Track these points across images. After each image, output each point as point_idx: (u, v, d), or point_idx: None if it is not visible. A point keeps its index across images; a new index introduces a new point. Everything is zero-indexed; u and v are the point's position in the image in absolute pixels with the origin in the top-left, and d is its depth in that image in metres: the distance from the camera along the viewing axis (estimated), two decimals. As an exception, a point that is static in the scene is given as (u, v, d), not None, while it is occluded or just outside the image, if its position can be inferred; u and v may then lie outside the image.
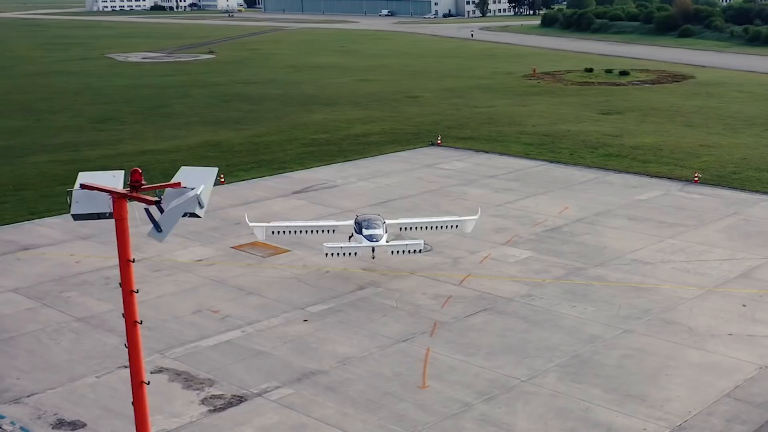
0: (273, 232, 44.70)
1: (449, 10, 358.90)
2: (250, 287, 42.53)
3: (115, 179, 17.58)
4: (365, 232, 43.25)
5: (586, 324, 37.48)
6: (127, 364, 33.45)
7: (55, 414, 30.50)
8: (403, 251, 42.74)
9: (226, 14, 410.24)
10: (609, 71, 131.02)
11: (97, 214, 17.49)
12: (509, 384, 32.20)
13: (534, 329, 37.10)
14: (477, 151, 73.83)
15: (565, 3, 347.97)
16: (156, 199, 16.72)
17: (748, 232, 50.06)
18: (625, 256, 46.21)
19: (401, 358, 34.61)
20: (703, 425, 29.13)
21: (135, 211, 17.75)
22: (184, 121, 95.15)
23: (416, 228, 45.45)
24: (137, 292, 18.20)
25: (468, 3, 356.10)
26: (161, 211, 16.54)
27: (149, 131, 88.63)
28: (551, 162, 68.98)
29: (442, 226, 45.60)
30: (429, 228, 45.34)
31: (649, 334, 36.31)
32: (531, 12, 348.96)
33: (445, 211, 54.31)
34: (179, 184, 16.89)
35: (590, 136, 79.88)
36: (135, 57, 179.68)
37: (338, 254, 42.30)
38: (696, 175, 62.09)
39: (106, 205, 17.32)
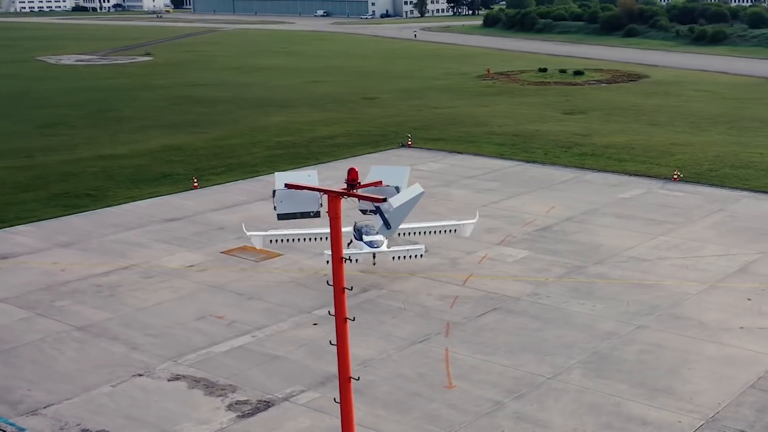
0: (271, 241, 44.81)
1: (387, 11, 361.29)
2: (250, 292, 42.69)
3: (310, 178, 18.15)
4: (366, 238, 43.69)
5: (598, 321, 38.61)
6: (142, 372, 33.73)
7: (78, 424, 30.33)
8: (405, 257, 43.35)
9: (154, 15, 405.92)
10: (563, 71, 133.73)
11: (302, 213, 18.00)
12: (536, 381, 33.07)
13: (547, 327, 38.08)
14: (450, 152, 74.89)
15: (503, 3, 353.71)
16: (383, 197, 17.22)
17: (737, 228, 51.98)
18: (621, 253, 47.60)
19: (421, 359, 35.23)
20: (735, 416, 30.38)
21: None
22: (136, 125, 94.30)
23: (415, 233, 46.13)
24: (350, 289, 18.92)
25: (406, 3, 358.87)
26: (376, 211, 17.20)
27: (103, 136, 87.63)
28: (527, 162, 70.38)
29: (441, 231, 46.37)
30: (428, 233, 46.07)
31: (662, 330, 37.59)
32: (470, 12, 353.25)
33: (432, 213, 55.03)
34: (381, 182, 17.57)
35: (560, 135, 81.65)
36: (68, 59, 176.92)
37: None
38: (675, 172, 64.08)
39: (310, 204, 17.86)
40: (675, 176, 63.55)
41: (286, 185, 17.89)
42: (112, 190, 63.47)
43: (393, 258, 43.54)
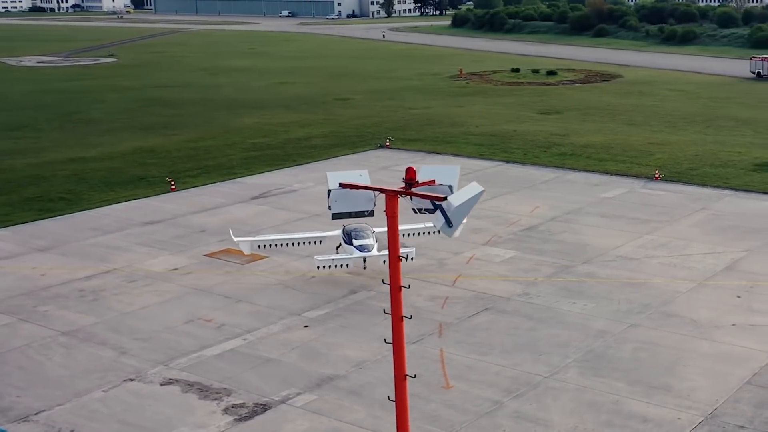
0: (259, 246, 44.77)
1: (353, 11, 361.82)
2: (238, 295, 42.68)
3: (362, 178, 18.38)
4: (356, 242, 43.78)
5: (591, 320, 39.10)
6: (134, 377, 33.63)
7: (72, 430, 30.18)
8: None
9: (115, 15, 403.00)
10: (536, 71, 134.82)
11: (356, 212, 18.24)
12: (533, 381, 33.44)
13: (540, 327, 38.50)
14: (429, 152, 75.31)
15: (471, 3, 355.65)
16: (444, 196, 17.43)
17: (721, 226, 52.83)
18: (608, 252, 48.21)
19: (416, 360, 35.34)
20: (733, 412, 30.95)
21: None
22: (105, 127, 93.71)
23: (405, 235, 46.33)
24: (408, 287, 19.26)
25: (372, 3, 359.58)
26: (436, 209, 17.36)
27: (71, 139, 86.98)
28: (507, 162, 70.97)
29: (430, 232, 46.64)
30: (418, 234, 46.32)
31: (655, 328, 38.16)
32: (438, 12, 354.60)
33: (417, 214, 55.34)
34: (434, 181, 17.82)
35: (538, 135, 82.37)
36: (29, 61, 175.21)
37: (330, 267, 42.78)
38: (656, 172, 64.96)
39: (364, 203, 18.11)
40: (656, 175, 64.43)
41: (341, 185, 18.09)
42: (87, 193, 63.05)
43: (384, 261, 43.66)
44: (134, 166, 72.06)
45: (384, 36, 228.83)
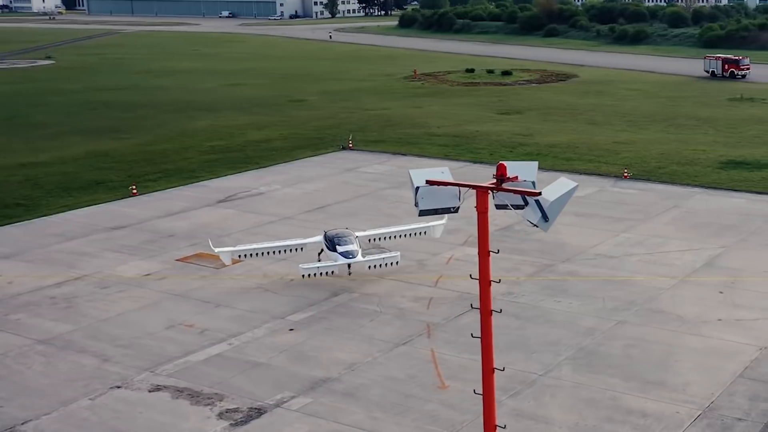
0: (240, 256, 44.69)
1: (295, 11, 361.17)
2: (216, 299, 42.69)
3: (444, 175, 18.82)
4: (340, 249, 43.96)
5: (578, 318, 39.94)
6: (120, 384, 33.56)
7: (63, 440, 30.04)
8: (381, 265, 43.88)
9: (46, 17, 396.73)
10: (491, 71, 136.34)
11: (443, 209, 18.67)
12: (528, 379, 34.10)
13: (529, 325, 39.23)
14: (394, 153, 75.86)
15: (415, 3, 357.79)
16: (539, 191, 17.82)
17: (695, 223, 54.23)
18: (587, 251, 49.22)
19: (408, 361, 35.91)
20: (730, 405, 31.95)
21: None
22: (52, 131, 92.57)
23: (385, 238, 46.75)
24: (498, 281, 20.29)
25: (316, 4, 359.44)
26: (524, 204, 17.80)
27: (17, 143, 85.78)
28: (474, 162, 71.85)
29: (411, 234, 47.14)
30: (399, 237, 46.78)
31: (642, 324, 39.14)
32: (383, 13, 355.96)
33: (390, 215, 56.02)
34: (516, 177, 18.22)
35: (501, 136, 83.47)
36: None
37: (315, 275, 42.94)
38: (625, 171, 66.35)
39: (450, 200, 18.56)
40: (625, 174, 65.80)
41: (428, 182, 18.62)
42: (44, 198, 62.35)
43: (369, 267, 43.97)
44: (89, 171, 71.37)
45: (331, 37, 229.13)
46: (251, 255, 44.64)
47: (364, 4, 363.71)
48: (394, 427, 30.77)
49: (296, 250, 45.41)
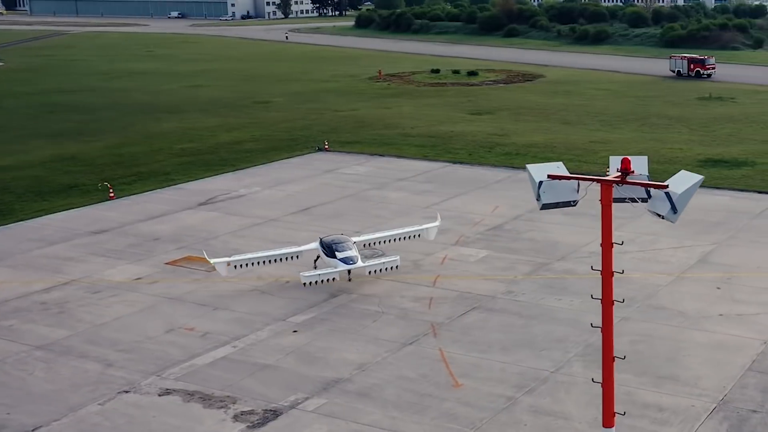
0: (236, 267, 44.65)
1: (247, 12, 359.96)
2: (213, 302, 42.80)
3: (559, 169, 19.44)
4: (339, 255, 44.15)
5: (581, 315, 40.66)
6: (128, 388, 33.62)
7: (78, 445, 30.03)
8: (381, 270, 44.19)
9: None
10: (456, 72, 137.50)
11: (564, 202, 19.36)
12: (540, 376, 34.77)
13: (533, 323, 39.94)
14: (371, 154, 76.31)
15: (368, 3, 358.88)
16: (666, 184, 18.42)
17: (684, 221, 54.46)
18: (580, 249, 50.12)
19: (417, 360, 36.39)
20: (743, 398, 32.90)
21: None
22: (11, 134, 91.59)
23: (380, 242, 47.17)
24: (621, 273, 21.65)
25: (268, 4, 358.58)
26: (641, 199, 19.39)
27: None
28: (454, 163, 72.60)
29: (405, 237, 47.66)
30: (394, 240, 47.25)
31: (646, 320, 40.05)
32: (337, 13, 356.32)
33: (375, 216, 56.67)
34: (633, 171, 19.94)
35: (477, 136, 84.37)
36: None
37: (317, 282, 43.09)
38: (607, 169, 67.36)
39: (569, 194, 19.30)
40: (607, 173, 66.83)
41: (549, 176, 19.36)
42: (17, 203, 61.81)
43: (369, 272, 44.24)
44: (59, 174, 70.83)
45: (287, 37, 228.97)
46: (247, 264, 44.66)
47: (317, 5, 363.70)
48: (414, 426, 31.20)
49: (292, 258, 45.56)
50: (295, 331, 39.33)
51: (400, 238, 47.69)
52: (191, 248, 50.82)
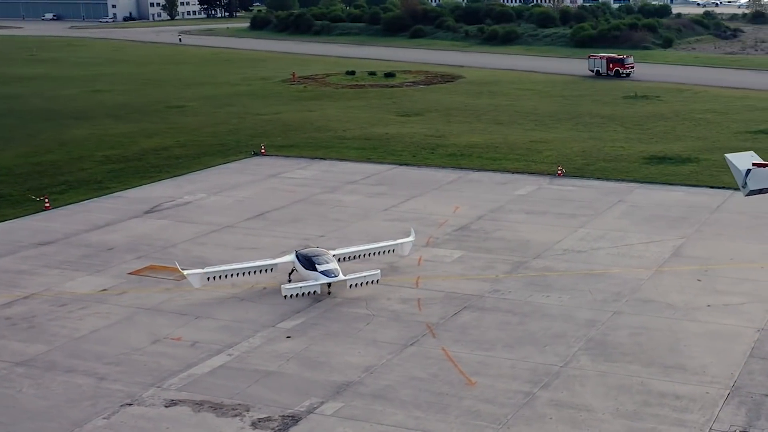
0: (209, 278, 44.77)
1: (130, 13, 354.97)
2: (193, 311, 42.97)
3: (753, 158, 20.53)
4: (320, 268, 44.60)
5: (574, 311, 42.48)
6: (130, 401, 33.73)
7: (97, 460, 30.05)
8: (362, 284, 44.81)
9: None
10: (372, 73, 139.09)
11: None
12: (551, 371, 36.27)
13: (529, 320, 41.46)
14: (312, 158, 77.02)
15: (257, 4, 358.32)
16: None
17: (646, 216, 58.02)
18: (553, 247, 52.00)
19: (423, 361, 37.44)
20: (752, 383, 35.07)
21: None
22: None
23: (354, 257, 47.81)
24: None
25: (152, 5, 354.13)
26: None
27: None
28: (400, 165, 73.95)
29: (380, 252, 48.59)
30: (367, 255, 48.09)
31: (638, 313, 42.08)
32: (227, 14, 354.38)
33: (335, 220, 57.58)
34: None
35: (414, 138, 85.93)
36: None
37: (298, 295, 43.55)
38: (559, 168, 69.89)
39: None
40: (559, 172, 69.29)
41: (755, 164, 20.67)
42: (-59, 216, 60.37)
43: (350, 286, 44.78)
44: (-22, 186, 69.30)
45: (180, 40, 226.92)
46: (221, 277, 44.90)
47: (205, 6, 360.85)
48: (441, 425, 32.22)
49: (267, 270, 46.01)
50: (288, 337, 39.89)
51: (373, 254, 48.56)
52: (151, 257, 50.73)
